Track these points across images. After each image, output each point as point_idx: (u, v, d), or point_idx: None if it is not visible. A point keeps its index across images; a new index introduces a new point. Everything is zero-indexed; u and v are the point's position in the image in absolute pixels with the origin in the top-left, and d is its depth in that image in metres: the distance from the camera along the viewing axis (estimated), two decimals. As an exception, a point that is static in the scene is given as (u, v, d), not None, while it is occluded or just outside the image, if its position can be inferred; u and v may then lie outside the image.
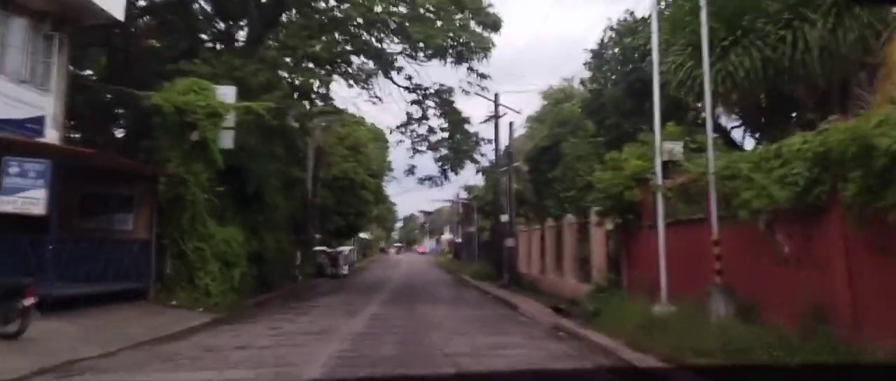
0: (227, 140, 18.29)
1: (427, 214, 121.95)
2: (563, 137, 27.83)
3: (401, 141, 26.20)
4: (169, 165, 17.59)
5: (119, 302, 15.76)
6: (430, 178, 26.63)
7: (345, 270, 36.14)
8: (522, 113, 61.24)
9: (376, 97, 28.38)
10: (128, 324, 13.49)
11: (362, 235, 68.13)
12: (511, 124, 28.74)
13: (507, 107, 31.89)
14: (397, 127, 25.73)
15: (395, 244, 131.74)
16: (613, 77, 17.08)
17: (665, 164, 11.26)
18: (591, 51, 18.21)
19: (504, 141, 33.14)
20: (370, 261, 64.41)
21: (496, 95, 31.57)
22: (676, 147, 11.44)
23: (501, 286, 26.05)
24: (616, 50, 17.37)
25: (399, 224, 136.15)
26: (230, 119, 18.26)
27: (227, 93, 18.35)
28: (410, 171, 26.60)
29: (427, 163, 50.34)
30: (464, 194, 62.01)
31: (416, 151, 26.22)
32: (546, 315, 16.05)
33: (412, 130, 24.67)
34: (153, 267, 17.23)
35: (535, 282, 23.78)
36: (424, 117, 24.23)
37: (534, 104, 70.47)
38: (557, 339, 11.94)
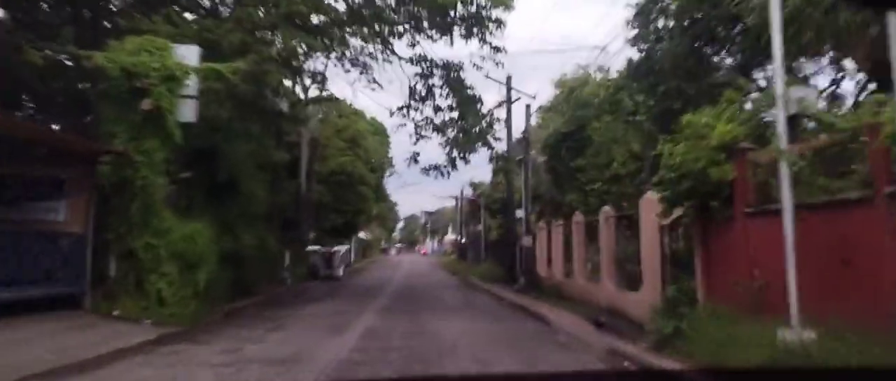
0: (188, 112, 14.64)
1: (429, 214, 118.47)
2: (587, 120, 24.20)
3: (403, 124, 22.54)
4: (115, 142, 13.95)
5: (42, 312, 12.20)
6: (435, 167, 22.98)
7: (340, 271, 32.50)
8: (537, 98, 57.48)
9: (375, 82, 24.81)
10: (31, 344, 9.87)
11: (361, 234, 64.50)
12: (528, 106, 25.12)
13: (520, 91, 28.25)
14: (399, 108, 22.10)
15: (397, 245, 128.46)
16: (670, 30, 13.36)
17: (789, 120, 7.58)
18: (636, 3, 14.53)
19: (517, 129, 29.57)
20: (370, 262, 60.72)
21: (508, 78, 28.03)
22: (809, 94, 7.79)
23: (518, 291, 22.42)
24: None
25: (400, 224, 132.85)
26: (191, 85, 14.61)
27: (188, 53, 14.69)
28: (413, 159, 22.94)
29: (432, 151, 46.60)
30: (469, 192, 58.46)
31: (419, 136, 22.57)
32: (588, 332, 12.42)
33: (416, 109, 20.95)
34: (90, 268, 13.62)
35: (558, 287, 20.13)
36: (430, 94, 20.53)
37: (542, 96, 66.89)
38: (631, 376, 8.31)
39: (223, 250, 17.97)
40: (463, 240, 56.37)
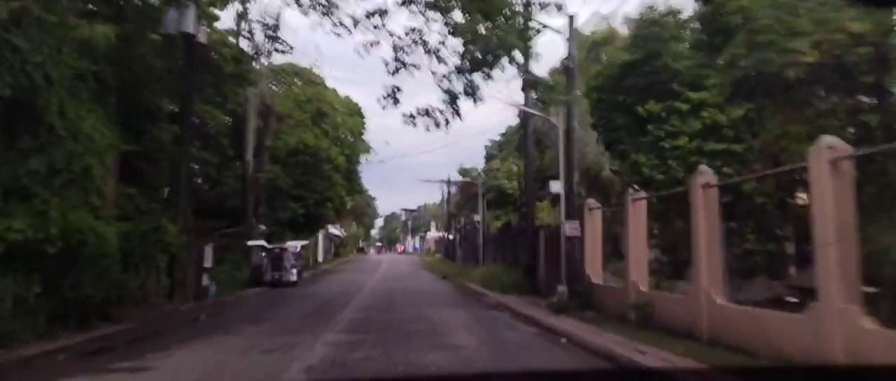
0: None
1: (410, 211, 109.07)
2: (663, 44, 15.36)
3: (374, 43, 13.39)
4: None
5: None
6: (425, 113, 13.96)
7: (293, 275, 23.24)
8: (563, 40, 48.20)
9: (342, 25, 15.72)
10: None
11: (334, 230, 55.12)
12: (571, 20, 15.94)
13: (544, 25, 19.15)
14: (368, 15, 12.99)
15: (377, 243, 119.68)
16: None
17: None
18: None
19: (542, 65, 20.55)
20: (343, 262, 51.30)
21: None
22: None
23: (555, 309, 13.37)
24: None
25: (380, 223, 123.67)
26: None
27: None
28: (392, 97, 13.80)
29: (418, 90, 36.81)
30: (455, 189, 49.51)
31: (400, 64, 13.50)
32: None
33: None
34: None
35: (643, 307, 11.08)
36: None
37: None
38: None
39: (15, 242, 8.80)
40: (451, 236, 47.24)
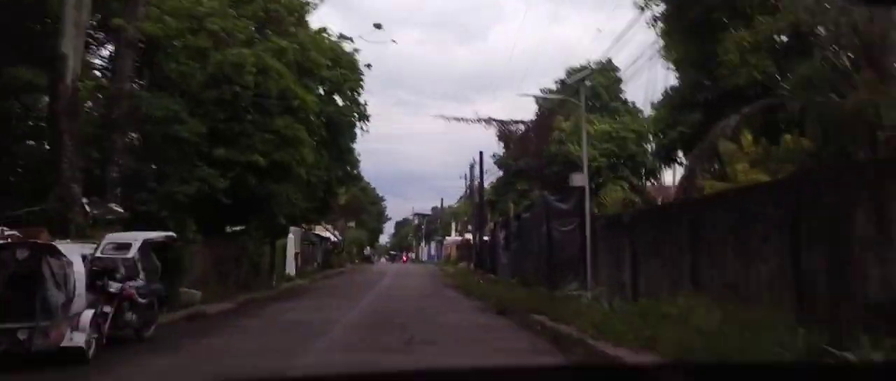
0: None
1: (423, 215, 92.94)
2: None
3: None
4: None
5: None
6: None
7: (78, 334, 7.18)
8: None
9: None
10: None
11: (323, 231, 39.02)
12: None
13: None
14: None
15: (391, 252, 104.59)
16: None
17: None
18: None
19: None
20: (331, 275, 35.04)
21: None
22: None
23: None
24: None
25: (391, 230, 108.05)
26: None
27: None
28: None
29: None
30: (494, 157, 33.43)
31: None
32: None
33: None
34: None
35: None
36: None
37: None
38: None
39: None
40: (486, 236, 30.92)
